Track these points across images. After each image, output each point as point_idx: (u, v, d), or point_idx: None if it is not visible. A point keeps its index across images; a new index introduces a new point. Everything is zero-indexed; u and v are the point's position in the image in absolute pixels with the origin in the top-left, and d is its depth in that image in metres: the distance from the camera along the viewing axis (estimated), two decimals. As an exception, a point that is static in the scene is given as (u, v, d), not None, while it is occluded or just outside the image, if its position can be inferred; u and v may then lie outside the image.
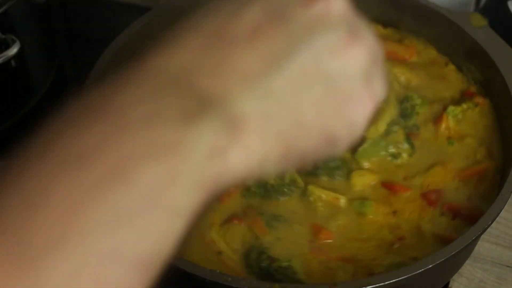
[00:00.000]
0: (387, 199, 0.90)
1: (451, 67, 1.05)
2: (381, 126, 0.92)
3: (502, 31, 1.02)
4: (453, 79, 1.04)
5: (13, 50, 1.01)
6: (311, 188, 0.88)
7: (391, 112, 0.92)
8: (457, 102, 1.00)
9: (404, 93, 0.99)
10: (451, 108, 0.98)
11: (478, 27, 1.03)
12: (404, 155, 0.93)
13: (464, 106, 0.98)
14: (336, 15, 0.42)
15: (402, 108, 0.97)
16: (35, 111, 1.15)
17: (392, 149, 0.92)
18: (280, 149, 0.40)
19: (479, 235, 0.81)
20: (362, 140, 0.91)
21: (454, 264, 0.88)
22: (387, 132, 0.92)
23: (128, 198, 0.33)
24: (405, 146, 0.93)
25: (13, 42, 1.02)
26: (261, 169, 0.40)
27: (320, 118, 0.42)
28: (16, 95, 1.13)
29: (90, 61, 0.98)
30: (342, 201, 0.88)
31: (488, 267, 0.92)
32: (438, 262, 0.76)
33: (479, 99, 0.99)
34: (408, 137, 0.94)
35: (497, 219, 0.82)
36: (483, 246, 0.94)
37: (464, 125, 0.98)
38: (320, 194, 0.87)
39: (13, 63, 1.06)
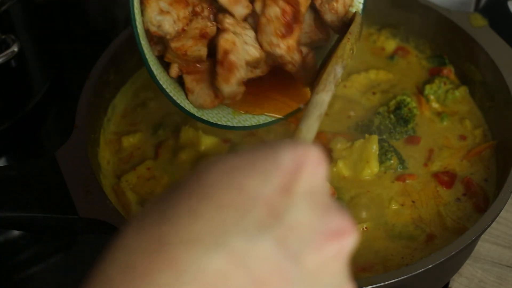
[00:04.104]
0: (404, 190, 0.92)
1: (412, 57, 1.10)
2: (375, 167, 0.93)
3: (502, 31, 1.02)
4: (412, 64, 1.09)
5: (13, 50, 1.01)
6: None
7: (373, 146, 0.93)
8: (429, 81, 1.05)
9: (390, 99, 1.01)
10: (427, 88, 1.03)
11: (478, 27, 1.03)
12: (400, 170, 0.94)
13: (437, 81, 1.03)
14: (346, 255, 0.44)
15: (400, 114, 0.97)
16: (35, 111, 1.15)
17: (390, 171, 0.94)
18: None
19: (479, 235, 0.81)
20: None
21: (454, 264, 0.88)
22: (382, 161, 0.93)
23: None
24: (400, 167, 0.94)
25: (13, 42, 1.02)
26: None
27: None
28: (16, 95, 1.13)
29: (90, 61, 0.98)
30: (368, 225, 0.89)
31: (488, 267, 0.92)
32: (438, 262, 0.76)
33: (446, 71, 1.05)
34: (400, 157, 0.95)
35: (497, 219, 0.82)
36: (483, 246, 0.94)
37: (449, 104, 1.03)
38: None
39: (13, 63, 1.06)
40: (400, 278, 0.75)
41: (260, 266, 0.40)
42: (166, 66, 0.83)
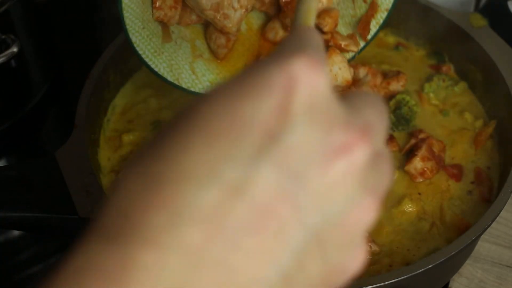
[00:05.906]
0: (411, 182, 0.92)
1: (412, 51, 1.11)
2: None
3: (502, 31, 1.02)
4: (414, 58, 1.09)
5: (13, 50, 1.01)
6: None
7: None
8: (428, 78, 1.05)
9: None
10: (426, 86, 1.03)
11: (478, 27, 1.03)
12: None
13: (436, 79, 1.04)
14: (359, 171, 0.39)
15: (401, 113, 0.97)
16: (35, 111, 1.15)
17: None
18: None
19: (479, 235, 0.81)
20: None
21: (454, 264, 0.88)
22: None
23: None
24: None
25: (13, 42, 1.02)
26: None
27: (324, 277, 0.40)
28: (16, 95, 1.13)
29: (90, 61, 0.98)
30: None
31: (488, 267, 0.92)
32: (438, 262, 0.76)
33: (445, 68, 1.05)
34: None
35: (497, 219, 0.82)
36: (483, 246, 0.94)
37: (449, 98, 1.03)
38: None
39: (13, 63, 1.06)
40: (400, 278, 0.75)
41: (260, 193, 0.36)
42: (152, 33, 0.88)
